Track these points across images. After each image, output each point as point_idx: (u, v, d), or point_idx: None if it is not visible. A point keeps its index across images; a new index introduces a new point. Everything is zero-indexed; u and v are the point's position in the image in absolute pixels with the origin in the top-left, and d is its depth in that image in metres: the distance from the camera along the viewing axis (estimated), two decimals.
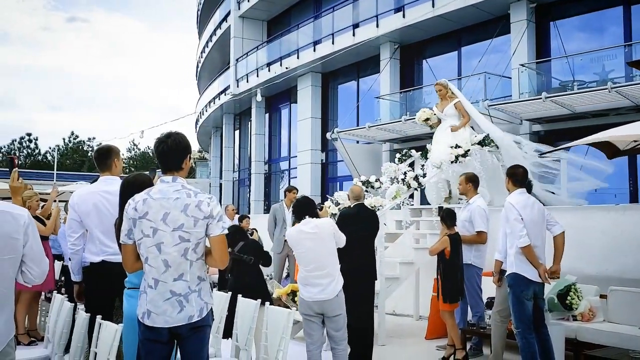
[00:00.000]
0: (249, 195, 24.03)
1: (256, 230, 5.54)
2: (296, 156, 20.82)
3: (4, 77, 71.05)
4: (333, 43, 17.95)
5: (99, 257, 4.13)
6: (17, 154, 45.77)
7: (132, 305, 3.25)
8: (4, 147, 46.03)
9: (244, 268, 5.49)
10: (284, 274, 9.72)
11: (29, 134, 46.83)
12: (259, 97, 20.56)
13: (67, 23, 73.31)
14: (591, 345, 5.46)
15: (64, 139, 46.68)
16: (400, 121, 13.82)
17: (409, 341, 7.09)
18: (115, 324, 3.43)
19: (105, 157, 4.38)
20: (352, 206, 5.87)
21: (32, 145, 46.50)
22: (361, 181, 8.42)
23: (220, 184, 28.41)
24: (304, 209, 4.85)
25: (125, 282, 3.40)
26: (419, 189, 7.31)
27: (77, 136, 46.93)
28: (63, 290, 6.83)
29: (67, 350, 3.98)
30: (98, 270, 4.11)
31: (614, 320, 5.78)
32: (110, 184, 4.15)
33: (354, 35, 17.17)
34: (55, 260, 7.37)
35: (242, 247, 5.61)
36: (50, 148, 37.45)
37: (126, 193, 3.37)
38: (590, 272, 6.45)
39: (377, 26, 16.33)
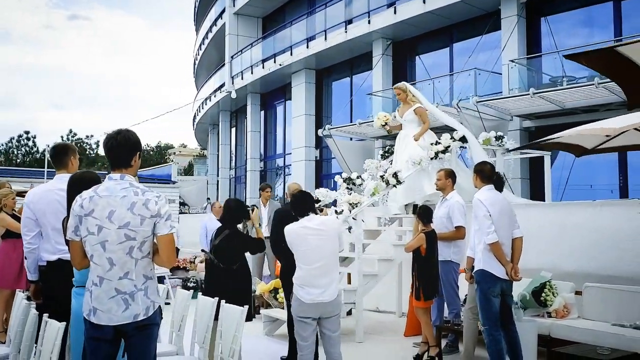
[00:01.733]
0: (245, 192, 24.03)
1: (256, 207, 5.39)
2: (291, 153, 20.81)
3: (6, 76, 71.20)
4: (326, 39, 17.92)
5: (55, 255, 4.11)
6: (16, 152, 45.90)
7: (79, 303, 3.23)
8: (3, 145, 46.18)
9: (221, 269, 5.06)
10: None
11: (27, 132, 46.90)
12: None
13: (68, 21, 73.57)
14: (564, 341, 5.43)
15: (62, 137, 46.83)
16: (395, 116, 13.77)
17: (388, 338, 7.07)
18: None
19: (61, 155, 4.36)
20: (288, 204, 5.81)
21: (30, 144, 46.67)
22: (342, 178, 8.40)
23: (218, 181, 28.43)
24: (306, 204, 4.62)
25: (73, 281, 3.39)
26: (397, 186, 7.26)
27: (75, 134, 47.12)
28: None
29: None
30: (54, 268, 4.10)
31: (588, 316, 5.74)
32: (65, 182, 4.12)
33: (346, 31, 17.14)
34: None
35: (224, 237, 5.09)
36: (47, 146, 37.52)
37: (73, 190, 3.36)
38: (568, 268, 6.41)
39: (369, 22, 16.30)
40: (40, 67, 72.78)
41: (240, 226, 5.38)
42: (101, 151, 50.69)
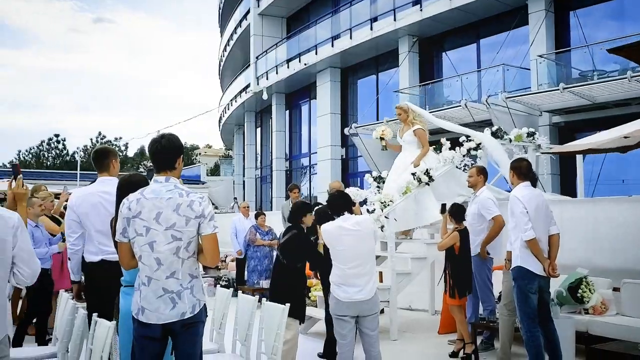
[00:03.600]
0: (271, 192, 24.18)
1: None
2: (316, 152, 20.88)
3: (35, 79, 72.63)
4: (351, 38, 17.94)
5: (98, 256, 4.22)
6: (46, 155, 46.80)
7: (128, 303, 3.32)
8: (34, 147, 47.15)
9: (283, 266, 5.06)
10: None
11: (57, 135, 47.78)
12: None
13: (94, 24, 74.64)
14: (603, 338, 5.38)
15: (91, 139, 47.65)
16: None
17: (422, 336, 7.07)
18: (116, 321, 3.51)
19: (103, 158, 4.47)
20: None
21: (60, 146, 47.55)
22: (372, 177, 8.41)
23: (244, 181, 28.65)
24: (343, 204, 4.63)
25: (122, 280, 3.48)
26: (429, 184, 7.25)
27: (104, 136, 47.81)
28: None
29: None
30: (97, 269, 4.20)
31: (627, 313, 5.68)
32: (107, 185, 4.23)
33: (371, 29, 17.13)
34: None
35: (287, 239, 5.05)
36: (77, 148, 38.31)
37: (122, 192, 3.45)
38: (603, 264, 6.34)
39: (395, 20, 16.26)
40: (68, 70, 74.17)
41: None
42: (130, 153, 51.50)
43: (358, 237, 4.47)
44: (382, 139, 8.00)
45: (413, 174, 7.24)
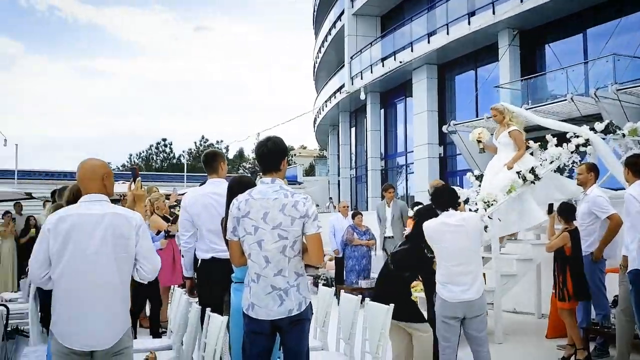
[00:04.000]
0: (366, 191, 24.18)
1: None
2: (413, 151, 20.63)
3: (143, 87, 77.27)
4: (448, 33, 17.56)
5: (209, 254, 4.43)
6: (155, 158, 49.65)
7: (239, 299, 3.46)
8: (143, 151, 50.16)
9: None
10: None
11: (164, 139, 50.56)
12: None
13: (194, 32, 78.15)
14: None
15: (195, 143, 49.98)
16: None
17: (528, 340, 6.80)
18: (227, 316, 3.66)
19: (212, 161, 4.68)
20: (430, 203, 5.68)
21: (167, 150, 50.25)
22: (474, 175, 8.19)
23: (339, 181, 28.85)
24: (448, 199, 4.50)
25: (232, 277, 3.63)
26: (535, 182, 6.94)
27: (207, 139, 49.99)
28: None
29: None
30: (208, 266, 4.41)
31: None
32: (217, 186, 4.42)
33: (469, 24, 16.67)
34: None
35: (405, 250, 4.84)
36: (183, 151, 40.37)
37: (233, 193, 3.61)
38: None
39: (494, 13, 15.72)
40: (172, 77, 78.22)
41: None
42: (230, 155, 53.47)
43: (462, 233, 4.34)
44: (479, 141, 7.74)
45: (518, 173, 6.96)
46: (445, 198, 4.54)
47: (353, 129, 27.88)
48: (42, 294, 4.66)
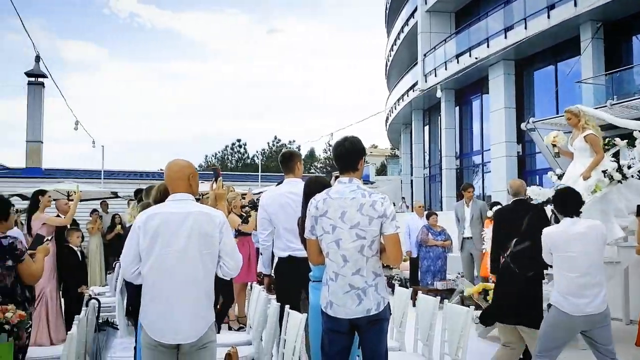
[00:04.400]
0: (441, 191, 23.77)
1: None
2: (489, 149, 20.09)
3: (217, 89, 79.46)
4: (526, 28, 16.96)
5: (286, 252, 4.50)
6: (230, 158, 50.94)
7: (317, 297, 3.50)
8: (219, 152, 51.60)
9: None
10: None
11: (238, 140, 51.79)
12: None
13: (267, 35, 79.50)
14: None
15: (268, 143, 50.90)
16: (606, 106, 12.54)
17: (616, 347, 6.45)
18: (304, 313, 3.71)
19: (288, 161, 4.76)
20: (510, 202, 5.48)
21: (242, 150, 51.46)
22: (557, 174, 7.86)
23: (411, 181, 28.52)
24: (573, 205, 4.24)
25: (310, 276, 3.68)
26: (622, 182, 6.57)
27: (279, 140, 50.77)
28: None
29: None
30: (285, 264, 4.48)
31: None
32: (294, 186, 4.49)
33: (548, 17, 16.04)
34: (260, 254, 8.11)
35: (526, 247, 4.74)
36: (256, 152, 41.25)
37: (308, 193, 3.66)
38: None
39: (575, 5, 15.04)
40: (245, 80, 79.91)
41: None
42: (302, 155, 54.02)
43: (589, 242, 4.08)
44: (554, 145, 7.31)
45: (604, 172, 6.62)
46: (570, 204, 4.26)
47: (426, 127, 27.49)
48: (129, 289, 4.89)
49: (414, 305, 5.70)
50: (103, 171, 17.31)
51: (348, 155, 3.37)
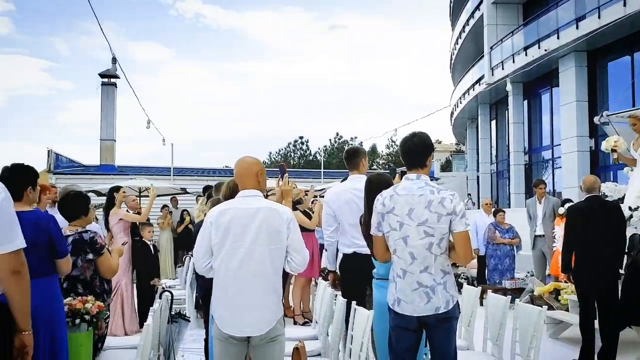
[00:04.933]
0: (509, 188, 23.12)
1: None
2: (560, 144, 19.36)
3: (280, 86, 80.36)
4: (599, 17, 16.20)
5: (351, 249, 4.51)
6: (292, 155, 51.52)
7: (381, 294, 3.50)
8: (282, 149, 52.28)
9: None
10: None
11: (301, 137, 52.28)
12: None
13: (328, 31, 79.65)
14: None
15: (330, 140, 51.10)
16: None
17: None
18: (370, 310, 3.71)
19: (353, 157, 4.76)
20: (582, 199, 5.23)
21: (304, 147, 51.91)
22: (632, 169, 7.48)
23: (478, 177, 27.89)
24: None
25: (374, 273, 3.67)
26: None
27: (341, 136, 50.85)
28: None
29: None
30: (350, 260, 4.49)
31: None
32: (358, 182, 4.48)
33: (624, 5, 15.24)
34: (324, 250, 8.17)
35: None
36: (318, 149, 41.48)
37: (371, 190, 3.67)
38: None
39: None
40: (307, 76, 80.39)
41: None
42: None
43: None
44: (614, 150, 6.85)
45: None
46: None
47: (493, 122, 26.79)
48: (199, 282, 5.04)
49: (481, 304, 5.59)
50: (172, 168, 17.88)
51: (416, 151, 3.33)
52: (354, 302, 3.80)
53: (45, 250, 3.29)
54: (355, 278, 4.34)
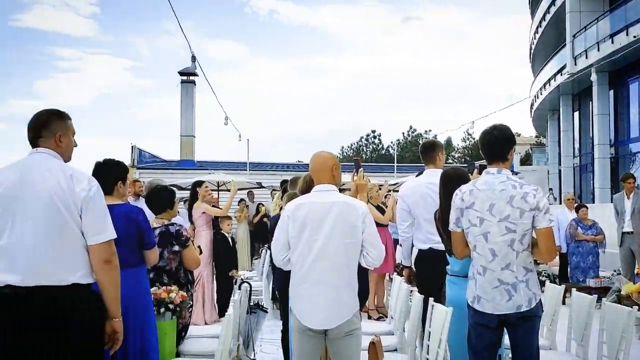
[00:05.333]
0: (592, 182, 22.03)
1: None
2: None
3: (353, 81, 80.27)
4: None
5: (426, 244, 4.44)
6: (364, 149, 51.41)
7: (454, 292, 3.46)
8: (354, 143, 52.27)
9: None
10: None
11: (373, 131, 52.03)
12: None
13: (402, 24, 78.60)
14: None
15: (403, 133, 50.57)
16: None
17: None
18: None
19: (429, 151, 4.68)
20: None
21: (377, 141, 51.66)
22: None
23: (559, 171, 26.75)
24: None
25: (448, 269, 3.61)
26: None
27: (414, 130, 50.21)
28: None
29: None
30: (426, 256, 4.43)
31: None
32: (434, 176, 4.40)
33: None
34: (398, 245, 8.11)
35: None
36: (391, 142, 41.16)
37: (446, 185, 3.61)
38: None
39: None
40: (380, 70, 79.76)
41: None
42: None
43: None
44: None
45: None
46: None
47: (576, 114, 25.58)
48: (276, 274, 5.14)
49: (563, 302, 5.38)
50: (248, 163, 18.30)
51: (497, 144, 3.25)
52: (431, 299, 3.76)
53: (134, 242, 3.47)
54: (432, 274, 4.29)
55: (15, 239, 2.51)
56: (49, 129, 2.72)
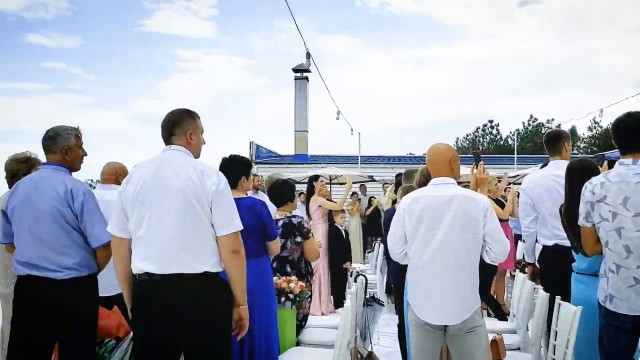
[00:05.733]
0: None
1: None
2: None
3: (468, 69, 77.77)
4: None
5: (552, 240, 4.21)
6: (481, 140, 49.59)
7: (581, 291, 3.29)
8: (470, 134, 50.55)
9: None
10: None
11: (490, 121, 49.96)
12: None
13: (519, 8, 74.86)
14: None
15: (523, 123, 48.08)
16: None
17: None
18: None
19: (555, 141, 4.44)
20: None
21: (494, 132, 49.59)
22: None
23: None
24: None
25: (573, 267, 3.43)
26: None
27: (535, 119, 47.57)
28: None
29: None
30: (551, 253, 4.21)
31: None
32: (561, 168, 4.15)
33: None
34: (519, 241, 7.77)
35: None
36: (510, 132, 39.36)
37: (571, 178, 3.43)
38: None
39: None
40: (495, 57, 76.45)
41: None
42: None
43: None
44: None
45: None
46: None
47: None
48: (391, 267, 5.14)
49: None
50: (360, 157, 18.37)
51: (633, 132, 3.03)
52: (557, 297, 3.57)
53: (259, 233, 3.64)
54: (558, 272, 4.07)
55: (153, 230, 2.72)
56: (181, 127, 2.90)
